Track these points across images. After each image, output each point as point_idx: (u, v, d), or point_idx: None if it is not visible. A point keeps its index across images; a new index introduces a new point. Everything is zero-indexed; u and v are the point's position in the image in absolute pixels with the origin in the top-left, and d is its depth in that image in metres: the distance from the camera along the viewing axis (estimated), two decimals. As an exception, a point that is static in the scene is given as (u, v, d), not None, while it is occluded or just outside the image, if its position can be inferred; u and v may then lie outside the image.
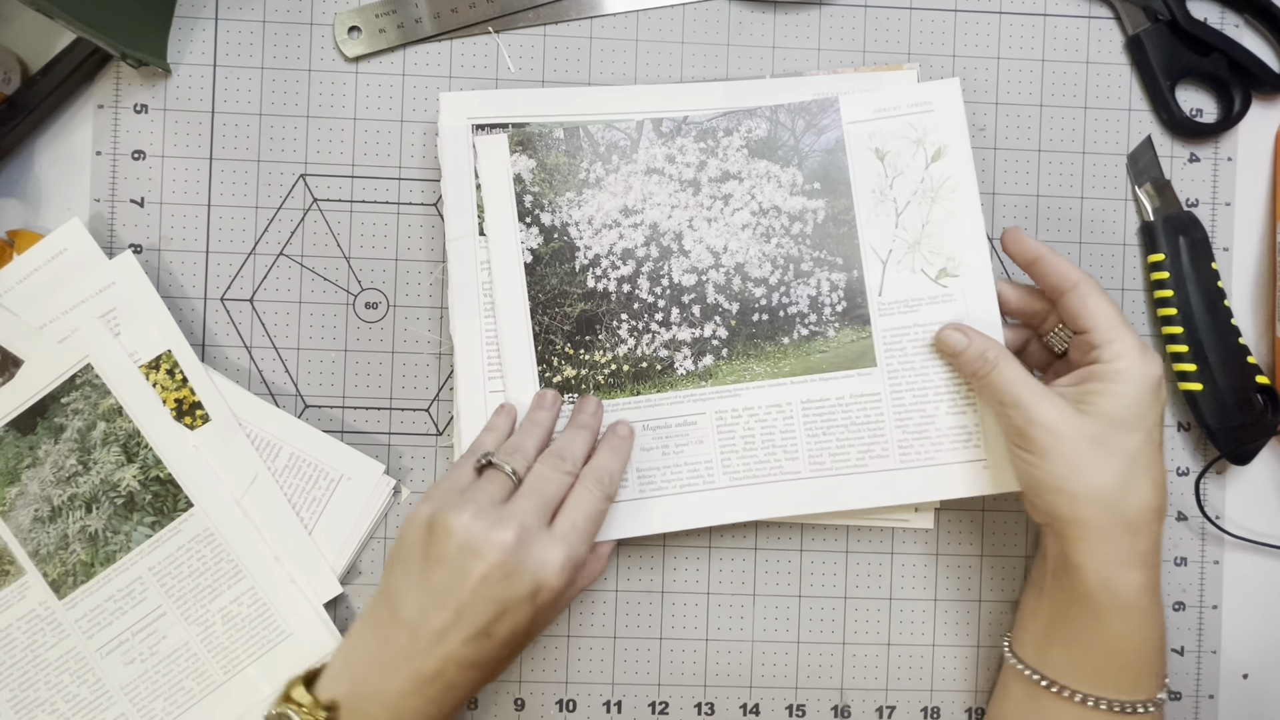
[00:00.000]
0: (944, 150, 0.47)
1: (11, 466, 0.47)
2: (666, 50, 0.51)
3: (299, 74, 0.50)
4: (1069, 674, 0.42)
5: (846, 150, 0.48)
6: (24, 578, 0.47)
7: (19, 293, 0.48)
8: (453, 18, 0.50)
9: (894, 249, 0.48)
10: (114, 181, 0.49)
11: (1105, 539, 0.40)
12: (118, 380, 0.48)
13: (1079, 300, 0.43)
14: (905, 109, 0.48)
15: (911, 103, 0.48)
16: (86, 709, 0.47)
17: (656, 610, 0.51)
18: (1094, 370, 0.41)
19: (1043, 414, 0.41)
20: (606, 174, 0.48)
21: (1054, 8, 0.52)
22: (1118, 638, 0.41)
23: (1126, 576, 0.40)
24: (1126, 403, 0.40)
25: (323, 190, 0.50)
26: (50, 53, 0.48)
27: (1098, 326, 0.42)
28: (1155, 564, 0.41)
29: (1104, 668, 0.41)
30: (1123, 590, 0.40)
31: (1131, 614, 0.41)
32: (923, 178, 0.47)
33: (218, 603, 0.48)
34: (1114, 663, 0.41)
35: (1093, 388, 0.41)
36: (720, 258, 0.48)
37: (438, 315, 0.50)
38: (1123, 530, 0.40)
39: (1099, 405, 0.40)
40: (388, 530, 0.50)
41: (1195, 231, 0.51)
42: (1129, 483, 0.40)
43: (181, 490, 0.47)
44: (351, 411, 0.50)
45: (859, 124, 0.48)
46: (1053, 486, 0.41)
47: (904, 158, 0.47)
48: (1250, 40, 0.52)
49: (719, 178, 0.48)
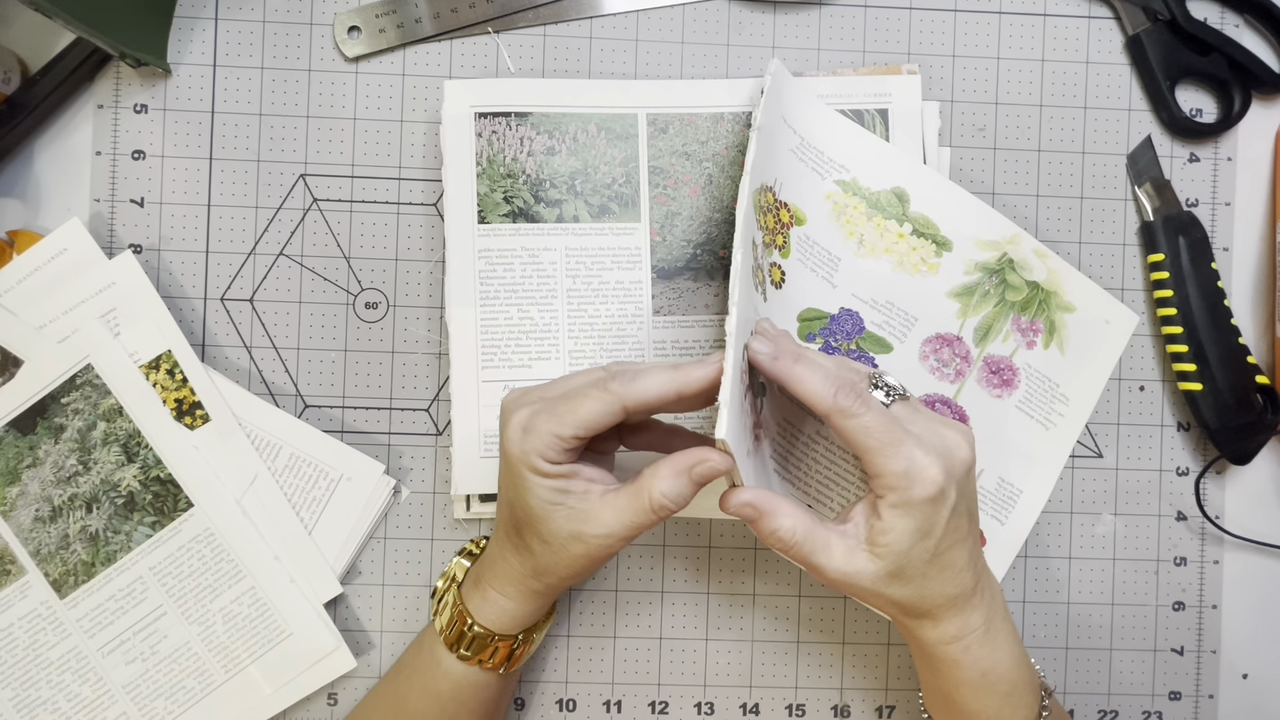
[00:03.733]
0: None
1: (12, 466, 0.47)
2: (666, 50, 0.51)
3: (299, 74, 0.50)
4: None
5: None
6: (25, 577, 0.47)
7: (19, 293, 0.48)
8: (453, 18, 0.50)
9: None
10: (114, 181, 0.49)
11: (908, 628, 0.41)
12: (118, 380, 0.48)
13: (837, 430, 0.39)
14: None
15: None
16: (88, 708, 0.47)
17: (656, 610, 0.51)
18: (874, 505, 0.38)
19: (834, 568, 0.38)
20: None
21: (1054, 8, 0.52)
22: (954, 687, 0.41)
23: (939, 648, 0.40)
24: (909, 534, 0.37)
25: (323, 190, 0.50)
26: (50, 53, 0.48)
27: (862, 458, 0.38)
28: (969, 626, 0.40)
29: (963, 713, 0.41)
30: (940, 654, 0.41)
31: (960, 668, 0.40)
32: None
33: (218, 602, 0.48)
34: (967, 707, 0.41)
35: (875, 525, 0.38)
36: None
37: (437, 315, 0.50)
38: (923, 620, 0.40)
39: (885, 544, 0.38)
40: (387, 530, 0.50)
41: (1195, 231, 0.51)
42: (925, 593, 0.39)
43: (181, 490, 0.48)
44: (351, 411, 0.50)
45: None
46: (860, 600, 0.41)
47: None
48: (1250, 40, 0.52)
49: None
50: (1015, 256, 0.49)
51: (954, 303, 0.49)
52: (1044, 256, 0.50)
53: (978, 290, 0.49)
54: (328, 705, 0.50)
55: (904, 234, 0.49)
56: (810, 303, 0.48)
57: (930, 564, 0.38)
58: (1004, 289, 0.49)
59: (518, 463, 0.39)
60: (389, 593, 0.50)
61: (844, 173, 0.49)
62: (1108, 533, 0.52)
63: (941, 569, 0.39)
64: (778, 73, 0.47)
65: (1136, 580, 0.52)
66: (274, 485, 0.48)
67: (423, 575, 0.50)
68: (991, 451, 0.49)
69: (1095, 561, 0.52)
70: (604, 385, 0.39)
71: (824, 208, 0.49)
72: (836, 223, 0.49)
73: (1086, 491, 0.52)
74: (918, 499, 0.37)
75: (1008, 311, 0.49)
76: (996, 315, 0.49)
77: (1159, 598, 0.52)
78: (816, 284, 0.48)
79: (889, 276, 0.49)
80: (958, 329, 0.49)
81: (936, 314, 0.49)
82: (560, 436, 0.39)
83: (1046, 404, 0.49)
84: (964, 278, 0.49)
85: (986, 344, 0.49)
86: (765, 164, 0.46)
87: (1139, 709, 0.52)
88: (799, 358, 0.40)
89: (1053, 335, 0.49)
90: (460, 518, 0.50)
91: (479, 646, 0.43)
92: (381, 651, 0.50)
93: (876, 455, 0.37)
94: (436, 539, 0.50)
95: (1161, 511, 0.52)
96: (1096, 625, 0.52)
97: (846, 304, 0.48)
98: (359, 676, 0.50)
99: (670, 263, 0.49)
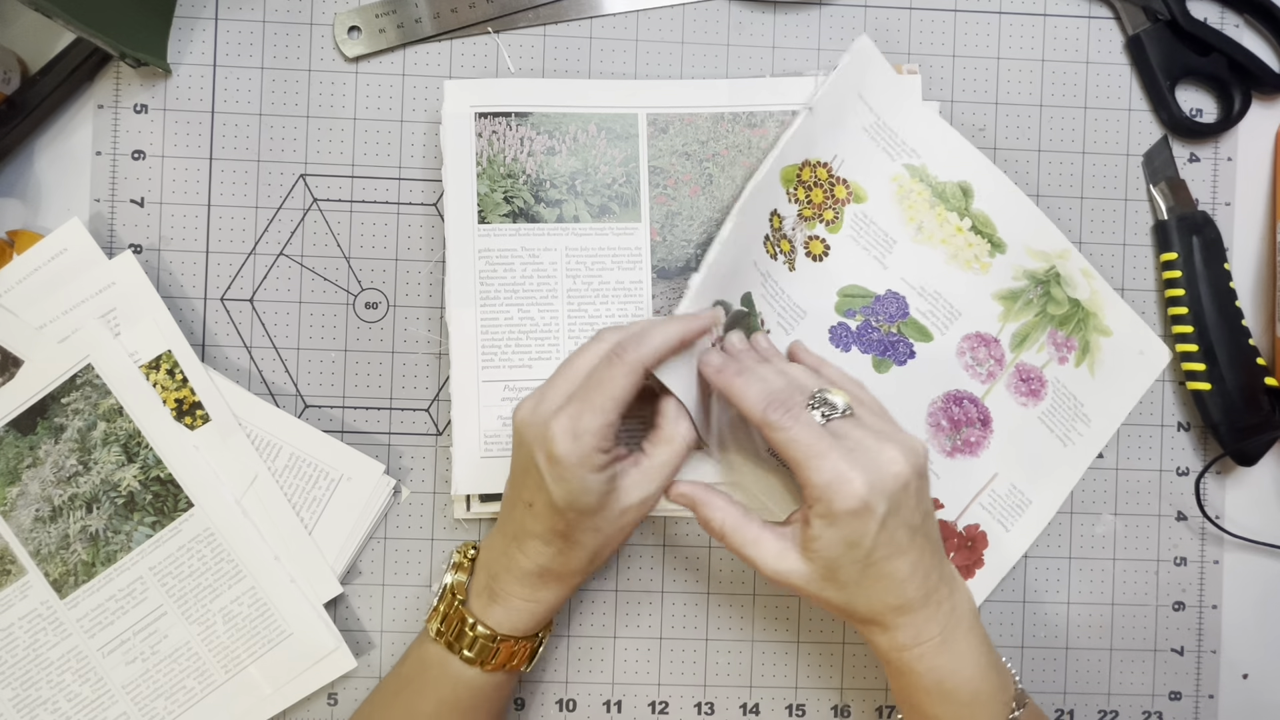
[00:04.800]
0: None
1: (12, 466, 0.47)
2: (666, 50, 0.51)
3: (299, 74, 0.50)
4: None
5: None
6: (25, 577, 0.47)
7: (19, 293, 0.48)
8: (453, 18, 0.50)
9: None
10: (114, 181, 0.49)
11: (862, 633, 0.42)
12: (118, 380, 0.48)
13: (769, 442, 0.40)
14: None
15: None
16: (88, 708, 0.47)
17: (656, 610, 0.51)
18: (805, 513, 0.40)
19: (767, 564, 0.40)
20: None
21: (1054, 8, 0.52)
22: (912, 692, 0.41)
23: (893, 654, 0.41)
24: (837, 543, 0.39)
25: (323, 190, 0.50)
26: (50, 53, 0.48)
27: (792, 469, 0.40)
28: (922, 636, 0.40)
29: (925, 717, 0.42)
30: (894, 660, 0.41)
31: (915, 675, 0.41)
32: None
33: (218, 602, 0.48)
34: (927, 712, 0.41)
35: (807, 532, 0.39)
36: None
37: (437, 315, 0.50)
38: (872, 627, 0.41)
39: (815, 550, 0.39)
40: (387, 530, 0.50)
41: (1209, 231, 0.51)
42: (862, 600, 0.40)
43: (182, 490, 0.48)
44: (351, 411, 0.50)
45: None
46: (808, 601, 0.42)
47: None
48: (1250, 40, 0.52)
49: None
50: (1063, 271, 0.50)
51: (998, 305, 0.49)
52: (1090, 277, 0.50)
53: (1021, 297, 0.50)
54: (328, 705, 0.50)
55: (963, 228, 0.49)
56: (856, 279, 0.49)
57: (864, 573, 0.39)
58: (1047, 301, 0.50)
59: (577, 468, 0.39)
60: (389, 593, 0.50)
61: (915, 158, 0.49)
62: (1108, 533, 0.52)
63: (877, 579, 0.39)
64: (863, 49, 0.48)
65: (1136, 580, 0.52)
66: (274, 485, 0.48)
67: (423, 575, 0.50)
68: (1009, 458, 0.49)
69: (1095, 561, 0.52)
70: (620, 359, 0.40)
71: (888, 189, 0.49)
72: (899, 206, 0.49)
73: (1086, 491, 0.52)
74: (840, 511, 0.38)
75: (1046, 324, 0.50)
76: (1035, 325, 0.50)
77: (1159, 598, 0.52)
78: (867, 262, 0.49)
79: (941, 267, 0.49)
80: (997, 331, 0.49)
81: (980, 313, 0.49)
82: (610, 425, 0.39)
83: (1068, 421, 0.50)
84: (1011, 282, 0.50)
85: (1021, 351, 0.49)
86: (818, 139, 0.47)
87: (1139, 709, 0.52)
88: (741, 371, 0.41)
89: (1085, 355, 0.50)
90: (460, 518, 0.50)
91: (506, 655, 0.43)
92: (381, 651, 0.50)
93: (802, 467, 0.39)
94: (436, 539, 0.50)
95: (1162, 511, 0.52)
96: (1096, 625, 0.52)
97: (894, 287, 0.49)
98: (359, 676, 0.50)
99: (670, 263, 0.49)
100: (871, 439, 0.40)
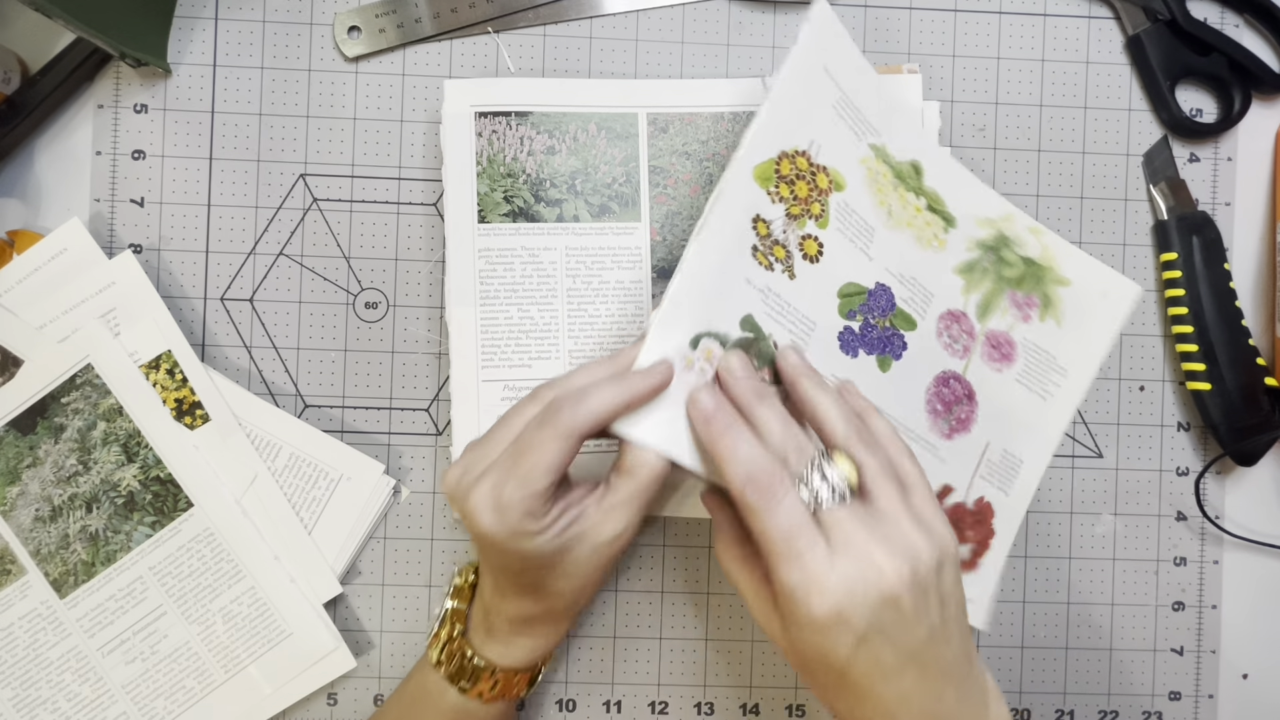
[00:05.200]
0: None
1: (12, 466, 0.47)
2: (666, 50, 0.51)
3: (299, 74, 0.50)
4: None
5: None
6: (25, 577, 0.47)
7: (19, 293, 0.48)
8: (453, 18, 0.50)
9: None
10: (114, 181, 0.49)
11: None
12: (118, 380, 0.48)
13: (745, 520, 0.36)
14: None
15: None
16: (88, 708, 0.47)
17: (656, 610, 0.51)
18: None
19: (756, 618, 0.37)
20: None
21: (1054, 8, 0.52)
22: None
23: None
24: (808, 647, 0.34)
25: (323, 190, 0.50)
26: (50, 53, 0.48)
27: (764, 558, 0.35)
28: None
29: None
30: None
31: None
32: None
33: (218, 602, 0.48)
34: None
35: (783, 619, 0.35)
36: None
37: (437, 315, 0.50)
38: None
39: (789, 641, 0.35)
40: (387, 530, 0.50)
41: (1209, 231, 0.51)
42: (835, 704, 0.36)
43: (181, 490, 0.48)
44: (351, 411, 0.50)
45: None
46: None
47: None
48: (1250, 40, 0.52)
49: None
50: (1009, 233, 0.49)
51: (960, 279, 0.49)
52: (1038, 233, 0.50)
53: (977, 267, 0.49)
54: (327, 705, 0.50)
55: (920, 208, 0.48)
56: (850, 277, 0.46)
57: (841, 687, 0.35)
58: (1000, 265, 0.49)
59: (507, 542, 0.36)
60: (389, 593, 0.50)
61: (876, 136, 0.47)
62: (1108, 533, 0.52)
63: (858, 699, 0.34)
64: (822, 16, 0.44)
65: (1136, 580, 0.52)
66: (274, 485, 0.48)
67: (423, 575, 0.50)
68: (997, 426, 0.49)
69: (1095, 561, 0.52)
70: (552, 423, 0.36)
71: (859, 173, 0.46)
72: (870, 191, 0.46)
73: (1086, 491, 0.52)
74: (804, 621, 0.34)
75: (1004, 288, 0.49)
76: (995, 292, 0.49)
77: (1159, 598, 0.52)
78: (854, 256, 0.46)
79: (913, 251, 0.48)
80: (963, 305, 0.49)
81: (947, 290, 0.48)
82: (536, 494, 0.36)
83: (1043, 375, 0.49)
84: (966, 254, 0.49)
85: (988, 320, 0.49)
86: (792, 126, 0.43)
87: (1139, 709, 0.52)
88: (729, 427, 0.36)
89: (1048, 309, 0.49)
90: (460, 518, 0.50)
91: (505, 687, 0.43)
92: (381, 651, 0.50)
93: (769, 559, 0.34)
94: (436, 539, 0.50)
95: (1161, 511, 0.52)
96: (1096, 625, 0.52)
97: (881, 278, 0.47)
98: (359, 676, 0.50)
99: (670, 262, 0.49)
100: (865, 537, 0.34)
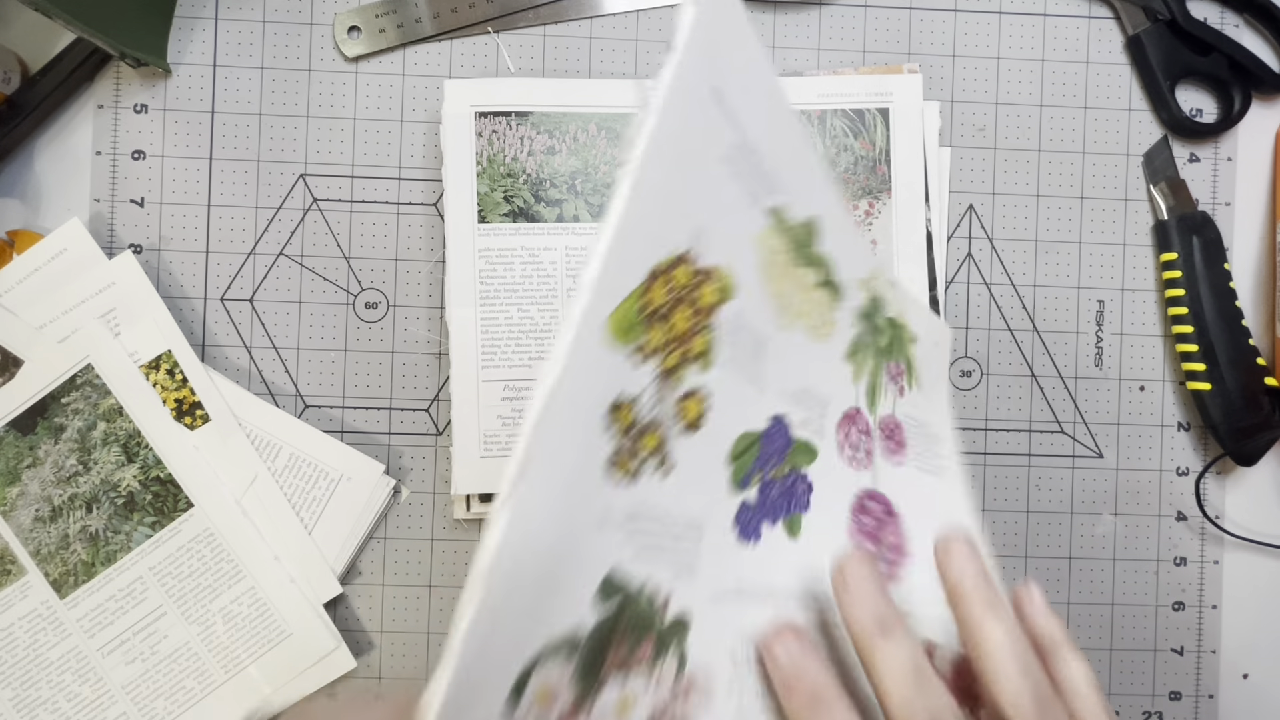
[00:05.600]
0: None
1: (12, 466, 0.47)
2: (666, 50, 0.51)
3: (299, 74, 0.50)
4: None
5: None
6: (25, 577, 0.47)
7: (19, 293, 0.48)
8: (453, 18, 0.50)
9: None
10: (114, 181, 0.49)
11: None
12: (118, 380, 0.48)
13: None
14: None
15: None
16: (88, 708, 0.47)
17: (656, 610, 0.51)
18: None
19: None
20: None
21: (1054, 8, 0.52)
22: None
23: None
24: None
25: (323, 190, 0.50)
26: (50, 53, 0.48)
27: None
28: None
29: None
30: None
31: None
32: None
33: (218, 603, 0.48)
34: None
35: None
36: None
37: (437, 315, 0.50)
38: None
39: None
40: (387, 530, 0.50)
41: (1209, 231, 0.51)
42: None
43: (181, 490, 0.48)
44: (351, 411, 0.50)
45: None
46: None
47: None
48: (1250, 40, 0.52)
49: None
50: (878, 294, 0.38)
51: (848, 366, 0.37)
52: (892, 287, 0.39)
53: (860, 345, 0.38)
54: (328, 705, 0.50)
55: (812, 284, 0.34)
56: (741, 427, 0.32)
57: None
58: (875, 335, 0.39)
59: None
60: (389, 593, 0.50)
61: (774, 194, 0.31)
62: (1108, 533, 0.52)
63: None
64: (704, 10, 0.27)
65: (1136, 580, 0.52)
66: (274, 485, 0.48)
67: (423, 575, 0.50)
68: (922, 531, 0.38)
69: (1095, 561, 0.52)
70: None
71: (752, 259, 0.31)
72: (764, 280, 0.31)
73: (1086, 491, 0.52)
74: None
75: (881, 362, 0.39)
76: (876, 370, 0.39)
77: (1159, 598, 0.52)
78: (743, 394, 0.31)
79: (804, 352, 0.34)
80: (854, 397, 0.38)
81: (839, 386, 0.37)
82: None
83: (929, 450, 0.41)
84: (850, 331, 0.37)
85: (877, 407, 0.39)
86: (670, 219, 0.27)
87: (1139, 709, 0.52)
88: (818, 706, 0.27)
89: (911, 374, 0.41)
90: (460, 518, 0.50)
91: None
92: (381, 652, 0.50)
93: None
94: (436, 539, 0.50)
95: (1161, 511, 0.52)
96: (1096, 625, 0.52)
97: (774, 409, 0.33)
98: (359, 676, 0.50)
99: (670, 263, 0.49)
100: None
